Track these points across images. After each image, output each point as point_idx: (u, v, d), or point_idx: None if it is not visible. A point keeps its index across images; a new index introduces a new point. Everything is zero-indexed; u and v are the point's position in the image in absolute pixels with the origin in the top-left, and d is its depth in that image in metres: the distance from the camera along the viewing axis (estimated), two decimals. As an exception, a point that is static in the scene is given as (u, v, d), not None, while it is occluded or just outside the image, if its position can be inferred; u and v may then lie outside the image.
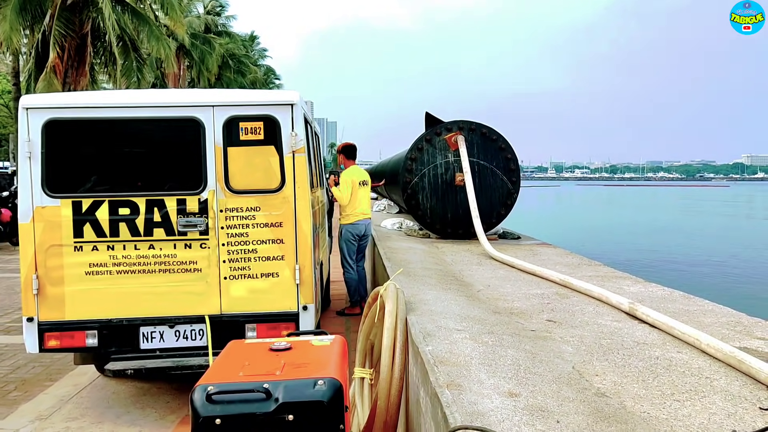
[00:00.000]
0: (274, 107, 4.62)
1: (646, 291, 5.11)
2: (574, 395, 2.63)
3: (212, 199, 4.59)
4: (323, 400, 2.64)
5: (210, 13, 40.46)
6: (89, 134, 4.68)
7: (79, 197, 4.51)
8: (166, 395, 5.24)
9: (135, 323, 4.57)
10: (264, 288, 4.66)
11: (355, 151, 8.13)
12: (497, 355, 3.16)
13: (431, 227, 8.83)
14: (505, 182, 8.60)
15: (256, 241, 4.63)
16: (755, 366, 2.89)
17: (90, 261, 4.50)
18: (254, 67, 49.99)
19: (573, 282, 5.14)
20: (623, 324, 3.97)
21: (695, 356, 3.26)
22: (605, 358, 3.21)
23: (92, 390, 5.45)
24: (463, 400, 2.51)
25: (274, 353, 3.07)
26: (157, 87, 31.30)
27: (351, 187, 7.65)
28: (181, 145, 4.75)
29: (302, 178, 4.67)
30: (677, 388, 2.77)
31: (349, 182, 7.67)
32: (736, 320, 4.10)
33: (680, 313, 4.24)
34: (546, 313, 4.27)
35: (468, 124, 8.65)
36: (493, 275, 5.83)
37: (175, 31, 27.04)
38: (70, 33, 18.65)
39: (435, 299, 4.54)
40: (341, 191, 7.65)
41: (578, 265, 6.51)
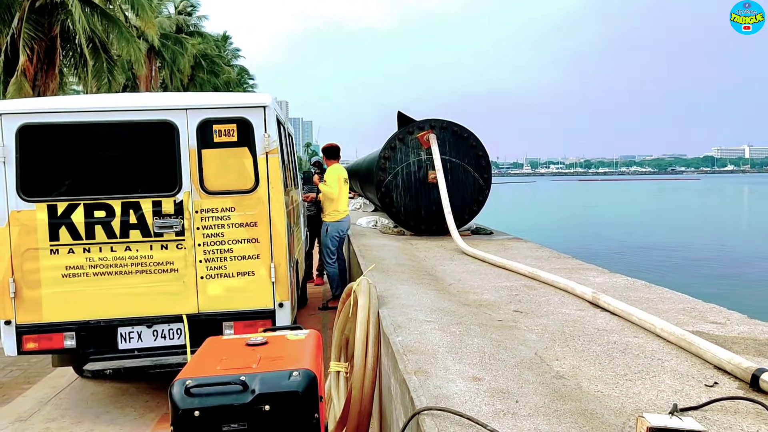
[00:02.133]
0: (247, 110, 4.73)
1: (611, 281, 5.32)
2: (534, 378, 2.80)
3: (187, 201, 4.68)
4: (298, 390, 2.76)
5: (181, 13, 40.07)
6: (64, 138, 4.72)
7: (54, 201, 4.56)
8: (145, 394, 5.31)
9: (113, 324, 4.64)
10: (240, 286, 4.76)
11: (338, 152, 8.25)
12: (464, 344, 3.33)
13: (405, 224, 8.99)
14: (477, 179, 8.79)
15: (231, 240, 4.73)
16: (703, 347, 3.09)
17: (66, 264, 4.56)
18: (227, 67, 49.61)
19: (541, 274, 5.33)
20: (586, 312, 4.16)
21: (650, 340, 3.46)
22: (566, 345, 3.39)
23: (71, 391, 5.50)
24: (429, 384, 2.67)
25: (250, 348, 3.18)
26: (128, 88, 30.96)
27: (339, 183, 7.78)
28: (155, 147, 4.81)
29: (276, 179, 4.78)
30: (630, 369, 2.96)
31: (336, 178, 7.78)
32: (692, 306, 4.32)
33: (641, 301, 4.45)
34: (513, 304, 4.45)
35: (439, 122, 8.82)
36: (464, 269, 6.00)
37: (147, 31, 26.79)
38: (39, 35, 18.38)
39: (407, 293, 4.69)
40: (331, 186, 7.73)
41: (548, 258, 6.72)
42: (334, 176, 7.81)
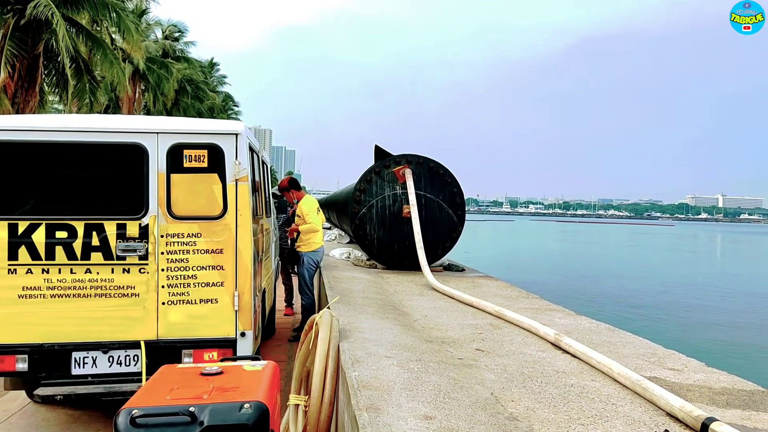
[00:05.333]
0: (219, 136, 4.72)
1: (575, 323, 5.35)
2: (487, 419, 2.78)
3: (153, 225, 4.62)
4: (248, 423, 2.70)
5: (168, 38, 40.26)
6: (31, 157, 4.66)
7: (16, 220, 4.48)
8: (97, 422, 5.15)
9: (67, 348, 4.51)
10: (202, 314, 4.68)
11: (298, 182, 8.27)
12: (420, 381, 3.30)
13: (378, 257, 8.98)
14: (451, 215, 8.85)
15: (196, 266, 4.67)
16: (657, 393, 3.11)
17: (23, 284, 4.46)
18: (212, 93, 49.75)
19: (506, 313, 5.34)
20: (547, 354, 4.17)
21: (607, 384, 3.47)
22: (523, 386, 3.38)
23: (22, 416, 5.31)
24: (379, 422, 2.63)
25: (204, 377, 3.11)
26: (110, 110, 30.83)
27: (317, 215, 7.67)
28: (124, 170, 4.77)
29: (244, 206, 4.76)
30: (584, 413, 2.95)
31: (314, 210, 7.67)
32: (652, 352, 4.35)
33: (603, 345, 4.47)
34: (476, 343, 4.44)
35: (416, 158, 8.91)
36: (432, 306, 5.99)
37: (132, 55, 26.84)
38: (22, 53, 18.33)
39: (370, 327, 4.66)
40: (312, 219, 7.51)
41: (516, 298, 6.74)
42: (312, 208, 7.72)
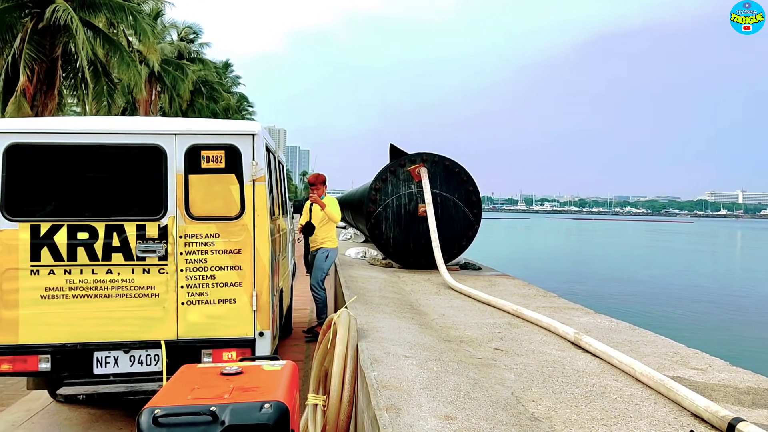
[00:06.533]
0: (236, 137, 4.74)
1: (595, 322, 5.30)
2: (508, 419, 2.76)
3: (172, 225, 4.65)
4: (268, 423, 2.71)
5: (183, 40, 40.56)
6: (52, 159, 4.71)
7: (38, 221, 4.53)
8: (119, 422, 5.20)
9: (89, 348, 4.56)
10: (221, 314, 4.71)
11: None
12: (440, 381, 3.28)
13: (394, 257, 8.97)
14: (467, 214, 8.81)
15: (214, 267, 4.69)
16: (681, 393, 3.06)
17: (46, 285, 4.50)
18: (227, 94, 50.03)
19: (525, 312, 5.30)
20: (567, 353, 4.13)
21: (629, 384, 3.43)
22: (544, 385, 3.35)
23: (44, 416, 5.38)
24: (400, 422, 2.62)
25: (224, 377, 3.13)
26: (127, 111, 31.14)
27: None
28: (143, 171, 4.81)
29: (261, 206, 4.77)
30: (607, 413, 2.92)
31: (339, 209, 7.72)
32: (675, 351, 4.30)
33: (624, 344, 4.43)
34: (495, 342, 4.41)
35: (431, 156, 8.88)
36: (449, 305, 5.97)
37: (148, 57, 27.09)
38: (40, 57, 18.55)
39: (388, 327, 4.65)
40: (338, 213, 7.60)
41: (534, 296, 6.69)
42: (337, 206, 7.75)
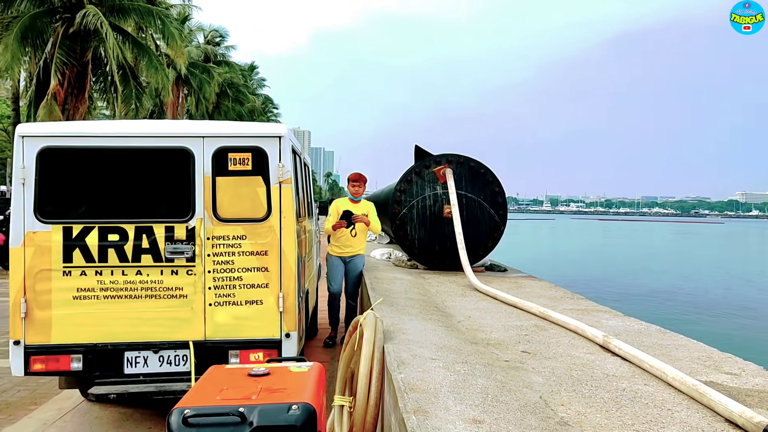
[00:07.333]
0: (263, 139, 4.78)
1: (624, 325, 5.21)
2: (537, 423, 2.73)
3: (200, 227, 4.71)
4: (296, 425, 2.74)
5: (210, 43, 41.10)
6: (83, 162, 4.80)
7: (70, 223, 4.62)
8: (148, 421, 5.27)
9: (120, 348, 4.64)
10: (248, 315, 4.75)
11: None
12: (467, 384, 3.26)
13: (419, 258, 8.95)
14: (493, 215, 8.75)
15: (241, 268, 4.74)
16: (715, 399, 3.00)
17: (78, 286, 4.59)
18: (252, 96, 50.58)
19: (552, 314, 5.24)
20: (596, 356, 4.07)
21: (661, 389, 3.37)
22: (573, 389, 3.31)
23: (76, 414, 5.48)
24: (428, 425, 2.61)
25: (252, 378, 3.16)
26: (155, 114, 31.63)
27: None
28: (171, 174, 4.88)
29: (288, 208, 4.80)
30: (638, 418, 2.87)
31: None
32: (707, 355, 4.20)
33: (654, 347, 4.35)
34: (522, 345, 4.37)
35: (456, 157, 8.84)
36: (475, 307, 5.93)
37: (176, 60, 27.50)
38: (71, 61, 18.97)
39: (414, 329, 4.64)
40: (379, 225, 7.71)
41: (561, 298, 6.62)
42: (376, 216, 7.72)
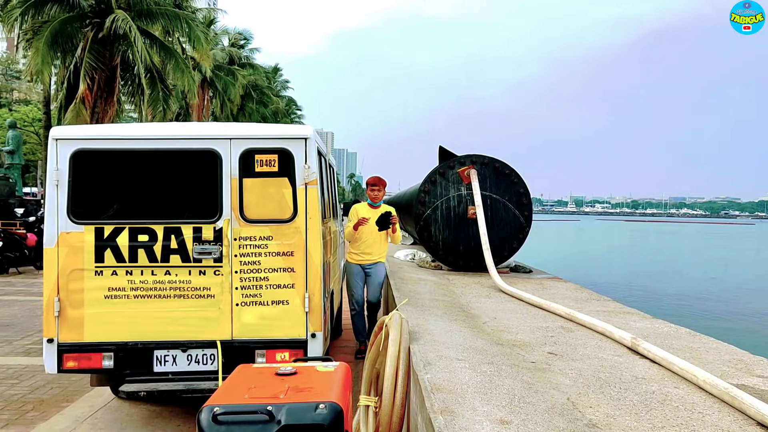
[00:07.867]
0: (289, 141, 4.83)
1: (652, 327, 5.15)
2: (565, 425, 2.71)
3: (227, 228, 4.77)
4: (323, 424, 2.76)
5: (234, 46, 41.57)
6: (114, 164, 4.90)
7: (102, 224, 4.72)
8: (177, 419, 5.36)
9: (149, 346, 4.72)
10: (274, 315, 4.80)
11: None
12: (494, 385, 3.26)
13: (443, 259, 8.94)
14: (518, 216, 8.71)
15: (267, 269, 4.79)
16: (747, 402, 2.95)
17: (109, 285, 4.69)
18: (276, 98, 50.96)
19: (578, 316, 5.20)
20: (624, 359, 4.03)
21: (691, 392, 3.32)
22: (601, 391, 3.28)
23: (107, 411, 5.59)
24: (455, 425, 2.61)
25: (279, 377, 3.20)
26: (181, 117, 32.07)
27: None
28: (198, 175, 4.95)
29: (314, 209, 4.84)
30: (668, 421, 2.84)
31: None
32: (738, 358, 4.14)
33: (684, 350, 4.29)
34: (548, 346, 4.34)
35: (480, 158, 8.81)
36: (500, 308, 5.91)
37: (201, 63, 27.84)
38: (100, 65, 19.35)
39: (440, 329, 4.64)
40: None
41: (587, 300, 6.56)
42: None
